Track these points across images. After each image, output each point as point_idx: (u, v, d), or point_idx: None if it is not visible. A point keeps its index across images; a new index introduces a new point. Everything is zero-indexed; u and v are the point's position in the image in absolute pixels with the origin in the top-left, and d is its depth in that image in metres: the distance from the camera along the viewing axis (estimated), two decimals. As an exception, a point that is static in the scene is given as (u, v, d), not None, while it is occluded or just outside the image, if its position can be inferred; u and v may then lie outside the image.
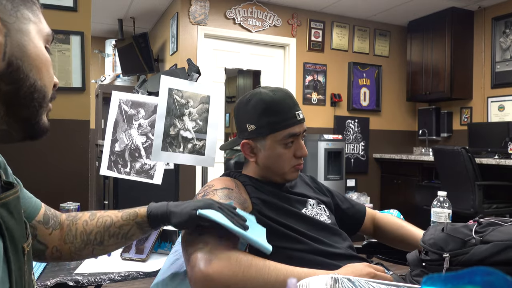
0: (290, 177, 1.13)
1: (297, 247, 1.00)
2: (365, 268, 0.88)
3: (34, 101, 0.59)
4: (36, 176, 2.21)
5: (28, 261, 0.60)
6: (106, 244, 0.88)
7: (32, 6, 0.60)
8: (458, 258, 0.83)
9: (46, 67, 0.60)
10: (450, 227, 0.90)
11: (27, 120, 0.60)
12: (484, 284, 0.35)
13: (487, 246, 0.81)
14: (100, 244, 0.87)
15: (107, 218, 0.89)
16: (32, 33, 0.59)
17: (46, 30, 0.62)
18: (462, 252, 0.83)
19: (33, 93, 0.58)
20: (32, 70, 0.58)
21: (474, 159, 3.42)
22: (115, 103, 1.61)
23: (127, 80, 4.96)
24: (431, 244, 0.89)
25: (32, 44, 0.58)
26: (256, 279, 0.80)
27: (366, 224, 1.31)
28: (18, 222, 0.58)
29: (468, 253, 0.82)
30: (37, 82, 0.59)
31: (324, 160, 4.16)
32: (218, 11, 4.17)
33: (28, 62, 0.57)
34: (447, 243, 0.87)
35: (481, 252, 0.81)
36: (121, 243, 0.90)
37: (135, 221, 0.90)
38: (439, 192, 1.44)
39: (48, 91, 0.61)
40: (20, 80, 0.56)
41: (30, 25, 0.59)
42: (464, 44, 4.52)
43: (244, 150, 1.13)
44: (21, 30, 0.57)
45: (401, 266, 1.39)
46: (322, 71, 4.67)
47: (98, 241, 0.87)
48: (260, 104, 1.08)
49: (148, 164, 1.61)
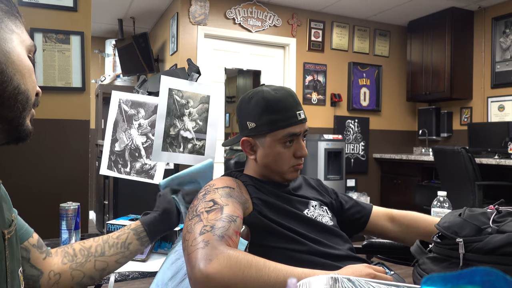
0: (289, 177, 1.12)
1: (297, 248, 1.00)
2: (365, 269, 0.88)
3: (18, 103, 0.63)
4: (36, 176, 2.21)
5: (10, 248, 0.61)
6: (107, 254, 0.90)
7: (15, 20, 0.65)
8: (472, 245, 0.82)
9: (29, 73, 0.65)
10: (468, 213, 0.88)
11: (11, 121, 0.63)
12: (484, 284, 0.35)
13: (501, 236, 0.79)
14: (102, 255, 0.89)
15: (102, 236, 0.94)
16: (15, 42, 0.64)
17: (28, 41, 0.67)
18: (476, 239, 0.82)
19: (17, 95, 0.62)
20: (16, 74, 0.62)
21: (474, 159, 3.42)
22: (115, 103, 1.61)
23: (127, 80, 4.96)
24: (446, 227, 0.88)
25: (15, 51, 0.63)
26: (256, 279, 0.80)
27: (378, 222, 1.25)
28: None
29: (482, 241, 0.81)
30: (21, 86, 0.63)
31: (324, 160, 4.16)
32: (218, 11, 4.17)
33: (12, 67, 0.62)
34: (462, 228, 0.85)
35: (495, 242, 0.79)
36: (121, 253, 0.92)
37: (130, 229, 0.95)
38: (439, 192, 1.44)
39: (31, 95, 0.65)
40: (4, 82, 0.60)
41: (13, 35, 0.64)
42: (464, 44, 4.52)
43: (244, 147, 1.13)
44: (5, 39, 0.62)
45: (401, 266, 1.39)
46: (322, 71, 4.67)
47: (99, 253, 0.89)
48: (261, 102, 1.08)
49: (148, 164, 1.61)
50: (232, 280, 0.78)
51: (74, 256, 0.87)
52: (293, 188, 1.16)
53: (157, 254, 1.40)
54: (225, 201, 0.96)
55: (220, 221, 0.89)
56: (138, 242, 0.95)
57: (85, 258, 0.87)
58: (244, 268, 0.80)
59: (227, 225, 0.89)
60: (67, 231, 1.34)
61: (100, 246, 0.90)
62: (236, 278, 0.79)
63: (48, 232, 1.66)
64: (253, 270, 0.80)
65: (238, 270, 0.79)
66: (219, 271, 0.78)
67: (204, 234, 0.85)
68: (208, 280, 0.78)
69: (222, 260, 0.79)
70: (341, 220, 1.22)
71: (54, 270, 0.83)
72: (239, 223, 0.93)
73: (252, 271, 0.80)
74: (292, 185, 1.17)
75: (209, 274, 0.78)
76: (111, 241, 0.91)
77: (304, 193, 1.17)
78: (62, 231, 1.34)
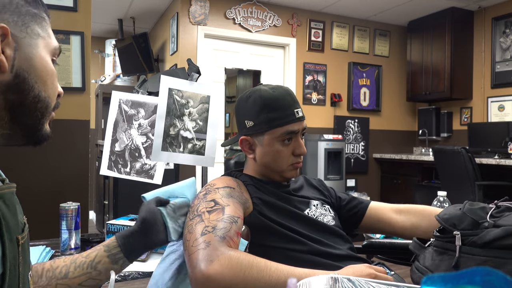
0: (288, 175, 1.12)
1: (298, 248, 1.00)
2: (366, 269, 0.88)
3: (37, 111, 0.63)
4: (36, 176, 2.21)
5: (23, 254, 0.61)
6: (70, 276, 0.80)
7: (42, 22, 0.65)
8: (468, 238, 0.84)
9: (51, 79, 0.65)
10: (468, 207, 0.90)
11: (29, 127, 0.64)
12: (484, 284, 0.35)
13: (497, 230, 0.81)
14: (65, 277, 0.80)
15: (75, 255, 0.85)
16: (40, 47, 0.63)
17: (53, 44, 0.67)
18: (472, 233, 0.84)
19: (37, 103, 0.63)
20: (37, 82, 0.62)
21: (474, 159, 3.42)
22: (115, 103, 1.61)
23: (127, 80, 4.96)
24: (445, 219, 0.90)
25: (39, 57, 0.63)
26: (257, 280, 0.80)
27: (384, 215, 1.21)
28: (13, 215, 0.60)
29: (478, 235, 0.83)
30: (41, 93, 0.63)
31: (324, 160, 4.16)
32: (218, 11, 4.17)
33: (34, 74, 0.62)
34: (460, 221, 0.87)
35: (490, 236, 0.81)
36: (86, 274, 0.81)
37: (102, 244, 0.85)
38: (439, 192, 1.45)
39: (51, 101, 0.66)
40: (25, 91, 0.61)
41: (38, 40, 0.63)
42: (464, 44, 4.52)
43: (242, 146, 1.14)
44: (30, 45, 0.61)
45: (401, 266, 1.39)
46: (322, 71, 4.67)
47: (62, 275, 0.80)
48: (259, 100, 1.08)
49: (148, 164, 1.61)
50: (233, 281, 0.78)
51: (40, 277, 0.80)
52: (294, 189, 1.16)
53: (157, 254, 1.40)
54: (226, 201, 0.96)
55: (222, 222, 0.89)
56: (108, 260, 0.83)
57: (48, 281, 0.79)
58: (245, 269, 0.80)
59: (229, 226, 0.89)
60: (67, 231, 1.34)
61: (66, 267, 0.81)
62: (237, 279, 0.79)
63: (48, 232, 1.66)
64: (254, 271, 0.80)
65: (239, 271, 0.79)
66: (220, 272, 0.78)
67: (206, 234, 0.85)
68: (209, 281, 0.78)
69: (223, 261, 0.79)
70: (339, 215, 1.22)
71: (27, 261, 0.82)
72: (240, 224, 0.93)
73: (253, 272, 0.80)
74: (293, 186, 1.17)
75: (210, 275, 0.78)
76: (79, 261, 0.82)
77: (305, 193, 1.17)
78: (62, 231, 1.34)
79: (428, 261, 0.90)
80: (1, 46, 0.57)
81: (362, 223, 1.24)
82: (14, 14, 0.60)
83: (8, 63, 0.58)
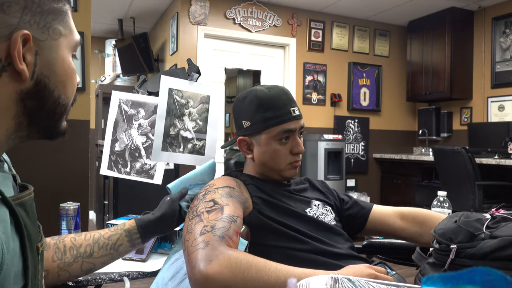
0: (287, 174, 1.12)
1: (298, 246, 1.00)
2: (366, 269, 0.87)
3: (56, 115, 0.62)
4: (36, 176, 2.21)
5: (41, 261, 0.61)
6: (95, 256, 0.89)
7: (64, 17, 0.62)
8: (465, 250, 0.83)
9: (70, 79, 0.63)
10: (463, 220, 0.90)
11: (47, 127, 0.63)
12: (484, 284, 0.35)
13: (493, 241, 0.81)
14: (90, 256, 0.88)
15: (95, 233, 0.92)
16: (61, 47, 0.61)
17: (75, 40, 0.64)
18: (470, 245, 0.83)
19: (56, 107, 0.61)
20: (57, 86, 0.60)
21: (474, 159, 3.42)
22: (115, 103, 1.61)
23: (127, 80, 4.96)
24: (440, 234, 0.90)
25: (60, 60, 0.60)
26: (256, 280, 0.80)
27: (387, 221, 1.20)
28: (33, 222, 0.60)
29: (475, 247, 0.82)
30: (61, 98, 0.61)
31: (324, 160, 4.16)
32: (218, 11, 4.17)
33: (55, 79, 0.60)
34: (456, 235, 0.87)
35: (487, 247, 0.81)
36: (109, 255, 0.91)
37: (123, 229, 0.94)
38: (439, 192, 1.44)
39: (70, 101, 0.64)
40: (45, 97, 0.59)
41: (60, 39, 0.61)
42: (464, 44, 4.52)
43: (240, 146, 1.14)
44: (51, 47, 0.59)
45: (402, 266, 1.39)
46: (322, 71, 4.67)
47: (87, 254, 0.88)
48: (254, 100, 1.09)
49: (148, 164, 1.61)
50: (232, 280, 0.78)
51: (63, 254, 0.86)
52: (296, 189, 1.15)
53: (157, 254, 1.40)
54: (226, 201, 0.96)
55: (221, 222, 0.89)
56: (128, 244, 0.94)
57: (73, 259, 0.87)
58: (244, 268, 0.80)
59: (228, 225, 0.89)
60: (67, 231, 1.34)
61: (90, 247, 0.89)
62: (236, 278, 0.79)
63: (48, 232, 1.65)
64: (253, 270, 0.80)
65: (238, 270, 0.79)
66: (219, 272, 0.78)
67: (205, 234, 0.85)
68: (208, 280, 0.78)
69: (222, 261, 0.79)
70: (340, 218, 1.22)
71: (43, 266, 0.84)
72: (239, 223, 0.93)
73: (252, 271, 0.80)
74: (295, 187, 1.16)
75: (209, 275, 0.78)
76: (102, 242, 0.91)
77: (307, 194, 1.16)
78: (62, 231, 1.34)
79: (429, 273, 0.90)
80: (22, 52, 0.55)
81: (365, 229, 1.23)
82: (36, 15, 0.57)
83: (29, 70, 0.56)
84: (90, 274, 1.25)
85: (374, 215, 1.22)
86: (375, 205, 1.25)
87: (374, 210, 1.23)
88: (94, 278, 1.23)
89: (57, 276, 0.86)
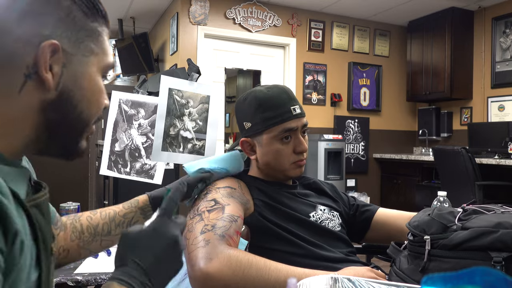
0: (291, 174, 1.11)
1: (295, 251, 0.99)
2: (367, 272, 0.87)
3: (75, 131, 0.61)
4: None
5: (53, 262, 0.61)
6: (113, 234, 0.90)
7: (98, 37, 0.62)
8: (438, 241, 0.87)
9: (96, 97, 0.62)
10: (436, 212, 0.94)
11: (66, 144, 0.62)
12: (484, 284, 0.35)
13: (464, 232, 0.84)
14: (108, 234, 0.90)
15: (109, 210, 0.93)
16: (91, 65, 0.60)
17: (107, 61, 0.64)
18: (442, 236, 0.87)
19: (76, 123, 0.60)
20: (81, 101, 0.59)
21: (474, 159, 3.42)
22: (115, 103, 1.61)
23: (127, 80, 4.96)
24: (415, 226, 0.93)
25: (88, 76, 0.60)
26: (256, 279, 0.80)
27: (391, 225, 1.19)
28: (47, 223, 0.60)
29: (447, 238, 0.86)
30: (84, 112, 0.60)
31: (324, 160, 4.16)
32: (218, 11, 4.17)
33: (80, 93, 0.59)
34: (430, 226, 0.90)
35: (459, 238, 0.84)
36: None
37: (137, 207, 0.95)
38: (439, 192, 1.44)
39: (92, 119, 0.63)
40: (67, 111, 0.58)
41: (91, 57, 0.60)
42: (464, 44, 4.52)
43: (243, 148, 1.13)
44: (80, 62, 0.58)
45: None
46: (322, 71, 4.67)
47: (105, 232, 0.90)
48: (254, 101, 1.08)
49: (148, 164, 1.61)
50: (232, 279, 0.78)
51: (82, 233, 0.87)
52: (301, 193, 1.14)
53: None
54: (227, 200, 0.96)
55: (221, 221, 0.89)
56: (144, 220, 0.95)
57: (92, 237, 0.88)
58: (244, 267, 0.80)
59: (228, 224, 0.89)
60: (67, 231, 1.34)
61: (107, 225, 0.90)
62: (236, 277, 0.79)
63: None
64: (253, 269, 0.80)
65: (239, 269, 0.79)
66: (219, 270, 0.78)
67: (205, 233, 0.86)
68: (208, 279, 0.78)
69: (223, 259, 0.79)
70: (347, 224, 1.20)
71: (64, 246, 0.85)
72: (240, 223, 0.93)
73: (252, 270, 0.80)
74: (301, 190, 1.15)
75: (209, 273, 0.78)
76: (118, 220, 0.92)
77: (312, 199, 1.15)
78: (62, 231, 1.34)
79: (404, 264, 0.93)
80: (50, 62, 0.54)
81: (371, 229, 1.22)
82: (68, 30, 0.57)
83: (54, 80, 0.55)
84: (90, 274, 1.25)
85: (379, 214, 1.22)
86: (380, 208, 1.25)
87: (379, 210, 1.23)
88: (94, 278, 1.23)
89: (79, 254, 0.88)
